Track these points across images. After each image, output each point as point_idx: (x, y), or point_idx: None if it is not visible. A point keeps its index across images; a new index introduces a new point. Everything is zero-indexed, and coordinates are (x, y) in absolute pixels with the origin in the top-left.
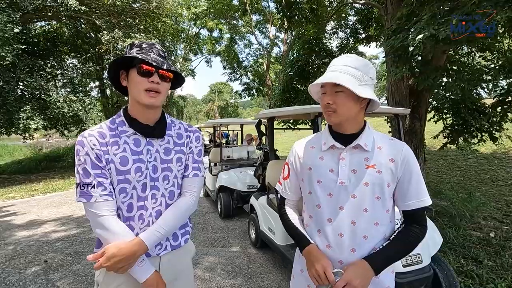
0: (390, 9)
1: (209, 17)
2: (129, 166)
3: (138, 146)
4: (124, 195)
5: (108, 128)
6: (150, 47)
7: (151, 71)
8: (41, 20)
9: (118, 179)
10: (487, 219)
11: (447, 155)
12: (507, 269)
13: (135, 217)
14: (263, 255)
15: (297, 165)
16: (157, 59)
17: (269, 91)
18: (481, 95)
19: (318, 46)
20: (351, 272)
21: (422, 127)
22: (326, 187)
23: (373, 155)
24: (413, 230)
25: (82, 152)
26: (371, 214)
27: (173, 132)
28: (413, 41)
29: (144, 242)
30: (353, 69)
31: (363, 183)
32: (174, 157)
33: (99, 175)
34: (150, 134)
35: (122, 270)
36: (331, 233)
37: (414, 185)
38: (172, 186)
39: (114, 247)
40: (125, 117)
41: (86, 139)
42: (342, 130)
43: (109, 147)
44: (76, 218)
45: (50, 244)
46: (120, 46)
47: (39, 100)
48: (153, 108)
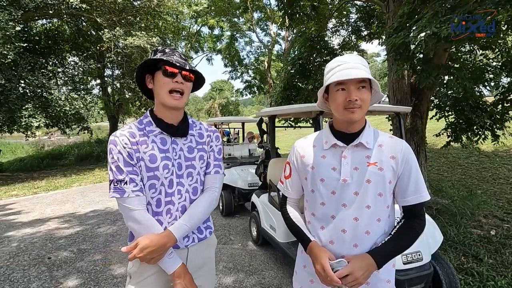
0: (391, 7)
1: (210, 14)
2: (158, 163)
3: (164, 145)
4: (153, 191)
5: (136, 128)
6: (172, 51)
7: (174, 72)
8: (42, 18)
9: (148, 175)
10: (488, 217)
11: (448, 153)
12: (508, 267)
13: (163, 212)
14: (264, 252)
15: (298, 164)
16: (179, 61)
17: (270, 89)
18: (483, 93)
19: (320, 44)
20: (354, 263)
21: (423, 125)
22: (329, 185)
23: (374, 153)
24: (412, 224)
25: (115, 151)
26: (373, 210)
27: (195, 132)
28: (415, 39)
29: (173, 234)
30: (365, 67)
31: (365, 180)
32: (197, 155)
33: (131, 172)
34: (175, 133)
35: (153, 261)
36: (334, 229)
37: (414, 181)
38: (195, 182)
39: (146, 239)
40: (151, 117)
41: (118, 138)
42: (349, 129)
43: (139, 146)
44: (78, 216)
45: (54, 241)
46: (121, 44)
47: (41, 98)
48: (177, 110)
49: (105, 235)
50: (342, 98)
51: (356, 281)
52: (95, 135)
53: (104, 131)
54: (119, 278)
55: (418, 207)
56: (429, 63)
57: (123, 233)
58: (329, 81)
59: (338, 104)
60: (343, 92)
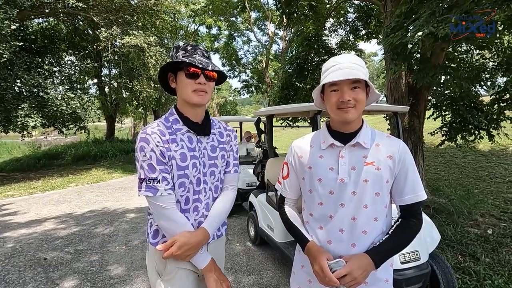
0: (389, 6)
1: (208, 14)
2: (188, 162)
3: (191, 143)
4: (182, 189)
5: (164, 126)
6: (195, 48)
7: (197, 73)
8: (38, 17)
9: (178, 174)
10: (485, 216)
11: (446, 152)
12: (504, 266)
13: (190, 209)
14: (262, 252)
15: (296, 164)
16: (202, 61)
17: (268, 89)
18: (480, 92)
19: (318, 43)
20: (353, 263)
21: (420, 125)
22: (326, 185)
23: (371, 153)
24: (410, 224)
25: (147, 149)
26: (371, 210)
27: (216, 131)
28: (412, 38)
29: (208, 232)
30: (360, 67)
31: (362, 179)
32: (219, 154)
33: (163, 170)
34: (201, 132)
35: (188, 258)
36: (332, 229)
37: (410, 181)
38: (217, 181)
39: (183, 237)
40: (178, 114)
41: (151, 136)
42: (345, 129)
43: (170, 144)
44: (75, 216)
45: (50, 242)
46: (118, 43)
47: (37, 98)
48: (201, 107)
49: (102, 235)
50: (335, 99)
51: (354, 281)
52: (92, 135)
53: (102, 130)
54: (115, 279)
55: (415, 207)
56: (426, 63)
57: (120, 233)
58: (323, 82)
59: (332, 105)
60: (337, 92)
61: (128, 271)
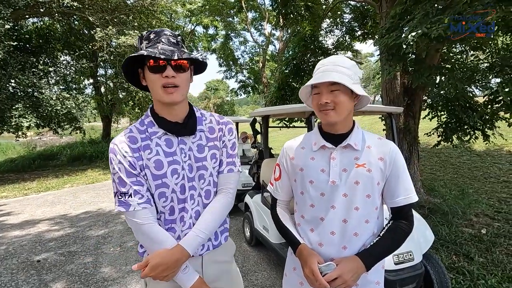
0: (384, 7)
1: (205, 14)
2: (165, 169)
3: (170, 147)
4: (164, 200)
5: (137, 130)
6: (159, 35)
7: (162, 65)
8: (33, 16)
9: (156, 184)
10: (479, 216)
11: (441, 153)
12: (498, 265)
13: (176, 219)
14: (257, 253)
15: (288, 166)
16: (165, 50)
17: (265, 89)
18: (475, 93)
19: (314, 44)
20: (343, 266)
21: (416, 125)
22: (318, 187)
23: (362, 154)
24: (401, 226)
25: (115, 161)
26: (362, 212)
27: (205, 127)
28: (406, 39)
29: (185, 250)
30: (344, 69)
31: (353, 181)
32: (208, 154)
33: (134, 183)
34: (181, 132)
35: (167, 278)
36: (323, 231)
37: (402, 183)
38: (208, 185)
39: (157, 257)
40: (153, 117)
41: (118, 146)
42: (334, 130)
43: (142, 152)
44: (70, 217)
45: (43, 244)
46: (114, 43)
47: (32, 98)
48: (176, 104)
49: (96, 237)
50: (316, 101)
51: (345, 284)
52: (88, 135)
53: (98, 131)
54: (109, 281)
55: (406, 209)
56: (421, 64)
57: (114, 235)
58: (305, 85)
59: (314, 107)
60: (318, 95)
61: (122, 273)
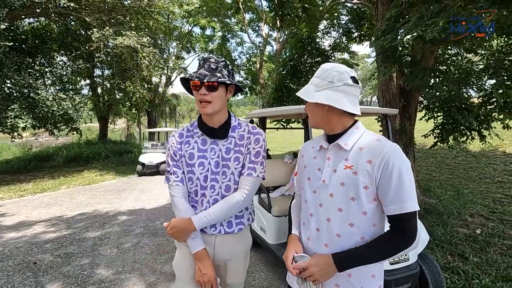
0: (380, 9)
1: (202, 15)
2: (194, 161)
3: (204, 145)
4: (190, 183)
5: (187, 129)
6: (204, 61)
7: (197, 85)
8: (29, 16)
9: (187, 170)
10: (474, 216)
11: (437, 153)
12: (492, 265)
13: (198, 201)
14: (254, 254)
15: (300, 163)
16: (201, 73)
17: (262, 90)
18: (471, 94)
19: (311, 45)
20: (313, 260)
21: (412, 126)
22: (312, 184)
23: (351, 156)
24: (393, 238)
25: (168, 148)
26: (345, 214)
27: (236, 134)
28: (402, 41)
29: (192, 223)
30: (314, 78)
31: (339, 183)
32: (233, 156)
33: (175, 165)
34: (214, 135)
35: (180, 239)
36: (312, 227)
37: (395, 188)
38: (228, 180)
39: (175, 221)
40: (198, 121)
41: (171, 138)
42: (326, 132)
43: (183, 145)
44: (66, 219)
45: (40, 245)
46: (111, 43)
47: (28, 99)
48: (210, 115)
49: (93, 238)
50: None
51: (312, 277)
52: (84, 136)
53: (94, 132)
54: (107, 282)
55: (402, 219)
56: (416, 66)
57: (111, 236)
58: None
59: None
60: None
61: (120, 275)
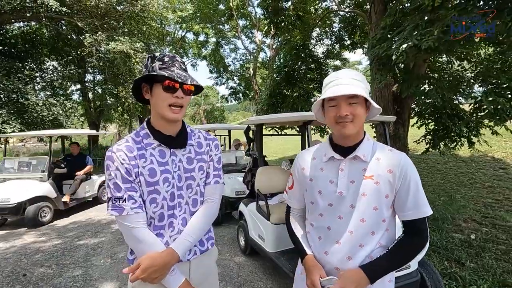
0: (374, 18)
1: (195, 21)
2: (158, 177)
3: (163, 157)
4: (154, 205)
5: (133, 141)
6: (172, 60)
7: (175, 87)
8: (19, 20)
9: (148, 190)
10: (467, 221)
11: (428, 159)
12: (488, 270)
13: (165, 225)
14: (252, 262)
15: (300, 176)
16: (181, 74)
17: (256, 96)
18: (461, 100)
19: (305, 52)
20: (346, 278)
21: (405, 133)
22: (326, 197)
23: (371, 166)
24: (412, 241)
25: (112, 167)
26: (368, 224)
27: (194, 142)
28: (397, 50)
29: (176, 252)
30: (359, 82)
31: (361, 193)
32: (197, 166)
33: (129, 189)
34: (174, 145)
35: (156, 280)
36: (329, 240)
37: (413, 196)
38: (195, 194)
39: (148, 259)
40: (149, 129)
41: (116, 154)
42: (346, 142)
43: (138, 160)
44: (57, 228)
45: (29, 256)
46: (104, 49)
47: (16, 104)
48: (176, 122)
49: (86, 248)
50: (333, 114)
51: None
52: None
53: (84, 137)
54: None
55: (418, 223)
56: (410, 73)
57: (104, 245)
58: (321, 97)
59: (330, 119)
60: (335, 107)
61: (114, 286)
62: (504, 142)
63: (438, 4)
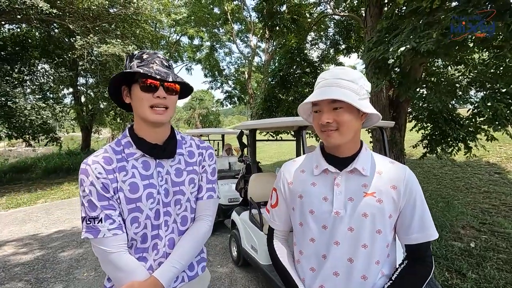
0: (369, 22)
1: (190, 24)
2: (140, 193)
3: (147, 170)
4: (136, 225)
5: (113, 151)
6: (152, 57)
7: (155, 85)
8: (9, 22)
9: (129, 208)
10: (466, 228)
11: (424, 164)
12: (490, 281)
13: (149, 248)
14: (245, 274)
15: (286, 192)
16: (160, 71)
17: (251, 100)
18: (455, 105)
19: (300, 56)
20: None
21: (402, 137)
22: (319, 218)
23: (372, 181)
24: (417, 270)
25: (86, 183)
26: (371, 250)
27: (184, 151)
28: (394, 53)
29: (160, 282)
30: (348, 82)
31: (361, 213)
32: (187, 179)
33: (106, 207)
34: (160, 155)
35: None
36: (325, 271)
37: (419, 216)
38: (184, 210)
39: None
40: (131, 137)
41: (91, 167)
42: (339, 153)
43: (117, 174)
44: (41, 238)
45: (8, 269)
46: (96, 51)
47: (4, 108)
48: (161, 126)
49: (69, 260)
50: (316, 121)
51: None
52: (65, 146)
53: (77, 141)
54: None
55: (423, 247)
56: (407, 77)
57: (89, 257)
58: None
59: (316, 127)
60: (318, 114)
61: None
62: (498, 147)
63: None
